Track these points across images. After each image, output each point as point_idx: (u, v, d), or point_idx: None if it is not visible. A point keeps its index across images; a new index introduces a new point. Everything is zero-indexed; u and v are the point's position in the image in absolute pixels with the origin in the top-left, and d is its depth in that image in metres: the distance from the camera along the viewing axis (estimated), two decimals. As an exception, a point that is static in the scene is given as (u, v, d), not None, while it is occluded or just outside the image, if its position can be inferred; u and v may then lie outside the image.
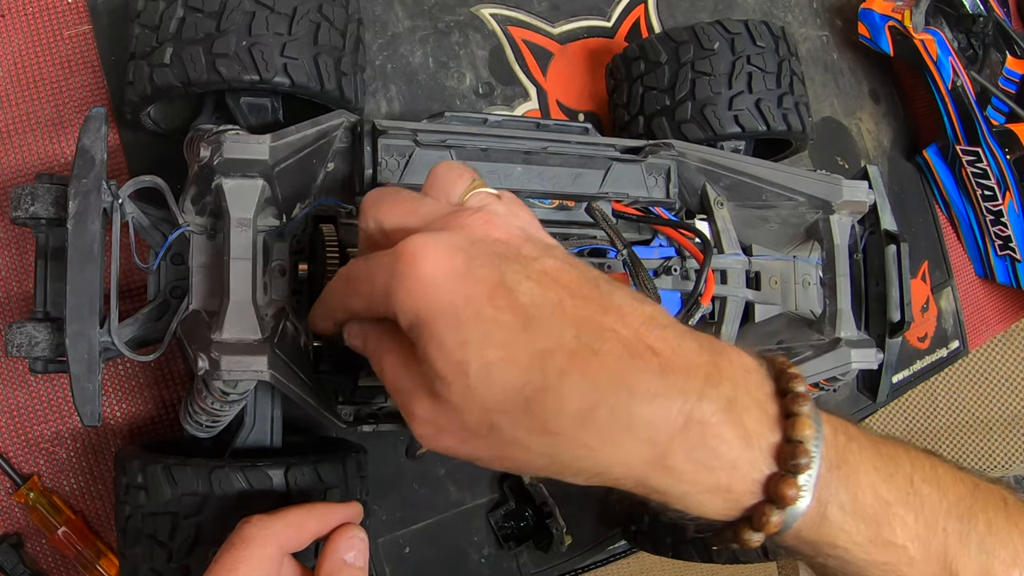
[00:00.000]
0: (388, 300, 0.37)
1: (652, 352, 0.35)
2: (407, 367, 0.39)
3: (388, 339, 0.40)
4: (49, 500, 0.63)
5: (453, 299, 0.35)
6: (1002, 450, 1.13)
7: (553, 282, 0.36)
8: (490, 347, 0.35)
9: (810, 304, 0.65)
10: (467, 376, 0.35)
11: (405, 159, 0.53)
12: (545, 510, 0.74)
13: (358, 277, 0.40)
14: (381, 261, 0.38)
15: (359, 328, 0.43)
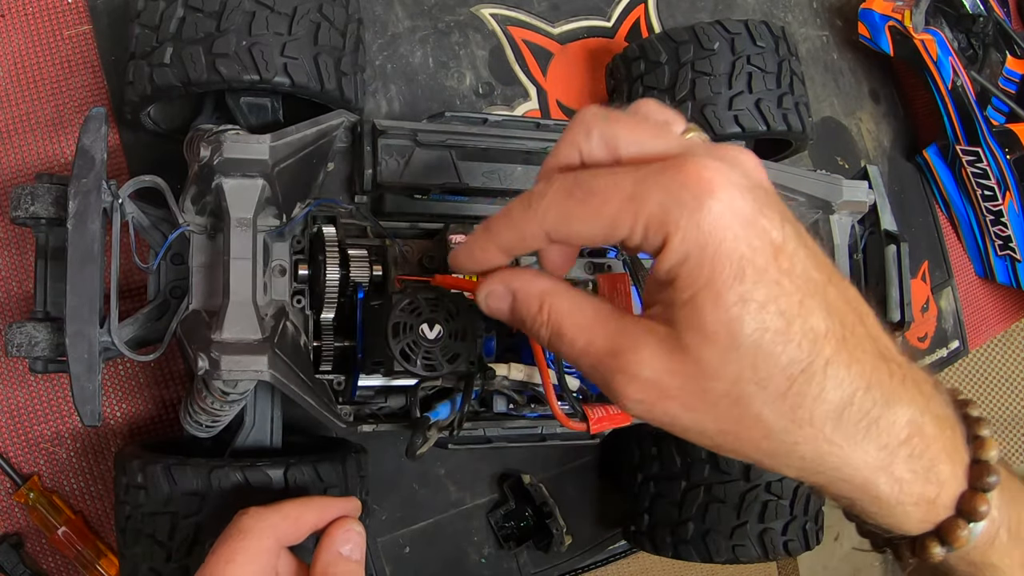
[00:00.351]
0: (657, 224, 0.32)
1: (893, 359, 0.35)
2: (619, 317, 0.35)
3: (565, 287, 0.37)
4: (49, 500, 0.63)
5: (740, 246, 0.31)
6: (1002, 450, 1.13)
7: (817, 258, 0.34)
8: (771, 313, 0.32)
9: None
10: (737, 337, 0.32)
11: (405, 159, 0.53)
12: (545, 510, 0.74)
13: (601, 192, 0.33)
14: (652, 177, 0.32)
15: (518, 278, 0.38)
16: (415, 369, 0.49)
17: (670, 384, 0.33)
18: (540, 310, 0.37)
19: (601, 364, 0.35)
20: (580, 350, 0.36)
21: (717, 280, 0.32)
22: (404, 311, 0.49)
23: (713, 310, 0.32)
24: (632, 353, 0.34)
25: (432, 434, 0.52)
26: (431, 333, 0.49)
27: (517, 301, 0.38)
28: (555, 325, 0.37)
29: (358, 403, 0.57)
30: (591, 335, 0.36)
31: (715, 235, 0.31)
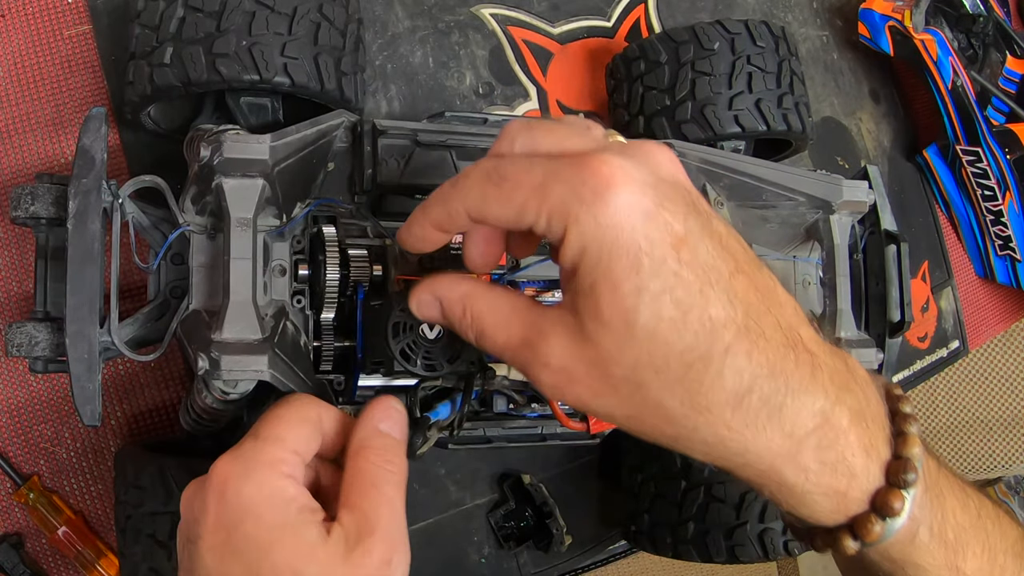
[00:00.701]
0: (558, 215, 0.34)
1: (805, 348, 0.36)
2: (531, 309, 0.37)
3: (484, 288, 0.39)
4: (49, 500, 0.63)
5: (638, 239, 0.33)
6: (1002, 450, 1.13)
7: (724, 248, 0.35)
8: (666, 302, 0.33)
9: (810, 304, 0.65)
10: (633, 326, 0.33)
11: (405, 159, 0.53)
12: (545, 510, 0.74)
13: (513, 179, 0.35)
14: (558, 170, 0.34)
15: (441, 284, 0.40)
16: (415, 369, 0.49)
17: (576, 370, 0.35)
18: (464, 313, 0.39)
19: (519, 355, 0.37)
20: (502, 345, 0.38)
21: (614, 271, 0.33)
22: (404, 311, 0.49)
23: (610, 300, 0.33)
24: (543, 342, 0.36)
25: (432, 434, 0.52)
26: (431, 333, 0.49)
27: (444, 307, 0.40)
28: (477, 326, 0.39)
29: (358, 403, 0.57)
30: (508, 330, 0.38)
31: (612, 229, 0.33)
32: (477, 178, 0.36)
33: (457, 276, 0.41)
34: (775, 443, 0.35)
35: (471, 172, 0.37)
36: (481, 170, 0.36)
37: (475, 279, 0.41)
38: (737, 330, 0.34)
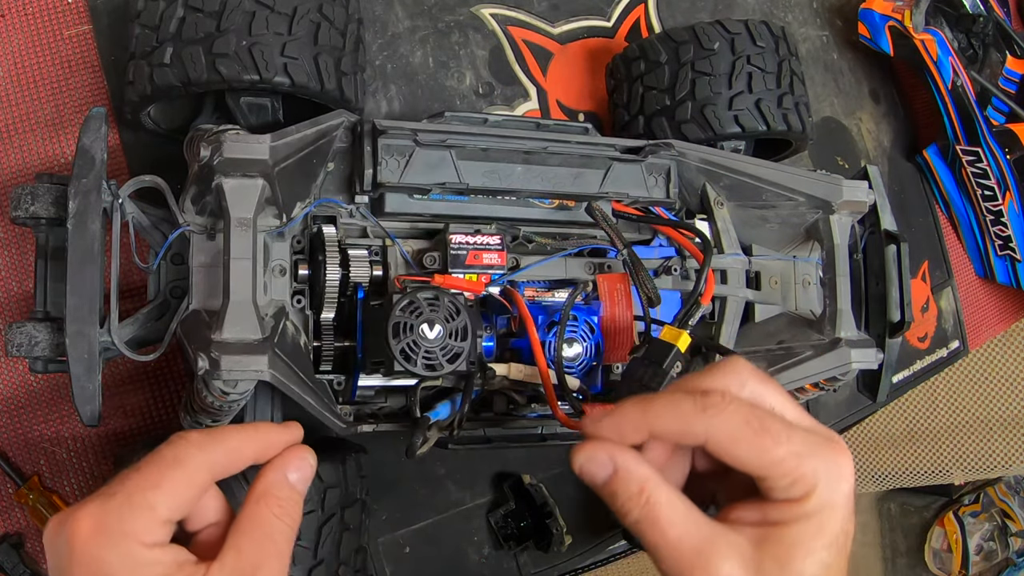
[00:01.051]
0: (806, 482, 0.40)
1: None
2: (709, 523, 0.42)
3: (665, 481, 0.42)
4: (49, 500, 0.63)
5: (839, 525, 0.41)
6: (1002, 450, 1.13)
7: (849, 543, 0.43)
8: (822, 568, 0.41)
9: (810, 304, 0.65)
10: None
11: (405, 159, 0.53)
12: (545, 510, 0.74)
13: (775, 435, 0.41)
14: (819, 446, 0.41)
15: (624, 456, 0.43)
16: (415, 369, 0.49)
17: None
18: (640, 493, 0.42)
19: (684, 559, 0.41)
20: (672, 541, 0.42)
21: (817, 541, 0.41)
22: (404, 311, 0.49)
23: (803, 561, 0.40)
24: (716, 558, 0.41)
25: (432, 434, 0.52)
26: (431, 333, 0.49)
27: (617, 477, 0.43)
28: (652, 513, 0.42)
29: (358, 403, 0.57)
30: (683, 531, 0.41)
31: (832, 511, 0.41)
32: (734, 417, 0.41)
33: (638, 455, 0.43)
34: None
35: (725, 407, 0.41)
36: (740, 411, 0.41)
37: (654, 468, 0.44)
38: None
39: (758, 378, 0.43)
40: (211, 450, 0.42)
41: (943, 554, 1.75)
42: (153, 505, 0.39)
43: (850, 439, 1.12)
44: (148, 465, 0.41)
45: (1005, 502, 1.73)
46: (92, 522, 0.39)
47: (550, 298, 0.58)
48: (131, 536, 0.38)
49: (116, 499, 0.39)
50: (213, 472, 0.42)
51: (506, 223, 0.57)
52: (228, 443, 0.42)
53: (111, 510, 0.39)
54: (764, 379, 0.43)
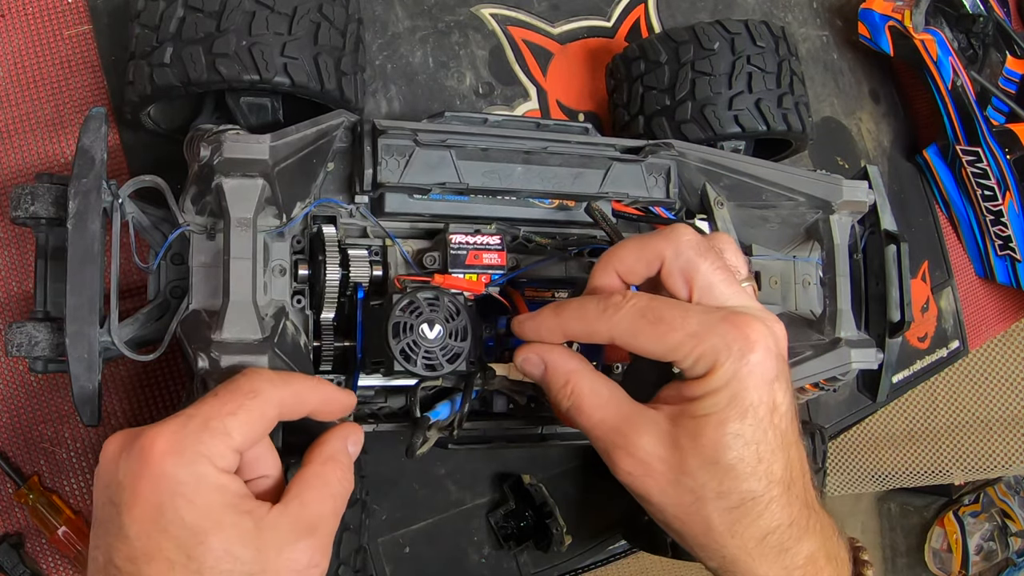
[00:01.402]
0: (706, 360, 0.42)
1: (813, 507, 0.46)
2: (629, 403, 0.45)
3: (589, 370, 0.46)
4: (49, 500, 0.63)
5: (754, 395, 0.42)
6: (1002, 450, 1.13)
7: (793, 421, 0.45)
8: (751, 451, 0.43)
9: (810, 304, 0.65)
10: (719, 457, 0.42)
11: (405, 159, 0.53)
12: (545, 510, 0.74)
13: (669, 322, 0.43)
14: (712, 324, 0.42)
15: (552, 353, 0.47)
16: (415, 369, 0.49)
17: (655, 467, 0.44)
18: (565, 385, 0.46)
19: (606, 437, 0.45)
20: (595, 422, 0.45)
21: (727, 413, 0.42)
22: (404, 311, 0.49)
23: (713, 432, 0.42)
24: (633, 433, 0.44)
25: (432, 434, 0.52)
26: (431, 333, 0.49)
27: (547, 372, 0.47)
28: (576, 400, 0.46)
29: (358, 403, 0.57)
30: (604, 412, 0.45)
31: (743, 382, 0.42)
32: (631, 312, 0.44)
33: (567, 351, 0.47)
34: (774, 572, 0.44)
35: (622, 305, 0.44)
36: (636, 307, 0.44)
37: (583, 359, 0.47)
38: (783, 488, 0.44)
39: (696, 248, 0.45)
40: (282, 387, 0.43)
41: (943, 554, 1.76)
42: (229, 431, 0.40)
43: (850, 439, 1.12)
44: (226, 392, 0.42)
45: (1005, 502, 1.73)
46: (169, 440, 0.39)
47: (550, 298, 0.58)
48: (206, 458, 0.39)
49: (194, 421, 0.40)
50: (281, 410, 0.43)
51: (506, 223, 0.57)
52: (296, 386, 0.44)
53: (189, 431, 0.40)
54: (702, 251, 0.45)
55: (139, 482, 0.38)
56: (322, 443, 0.45)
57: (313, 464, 0.44)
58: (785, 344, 0.45)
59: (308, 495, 0.43)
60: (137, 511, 0.38)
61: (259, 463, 0.44)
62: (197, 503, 0.38)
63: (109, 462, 0.40)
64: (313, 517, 0.42)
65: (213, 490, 0.39)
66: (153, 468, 0.38)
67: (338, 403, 0.47)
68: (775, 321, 0.45)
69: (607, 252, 0.47)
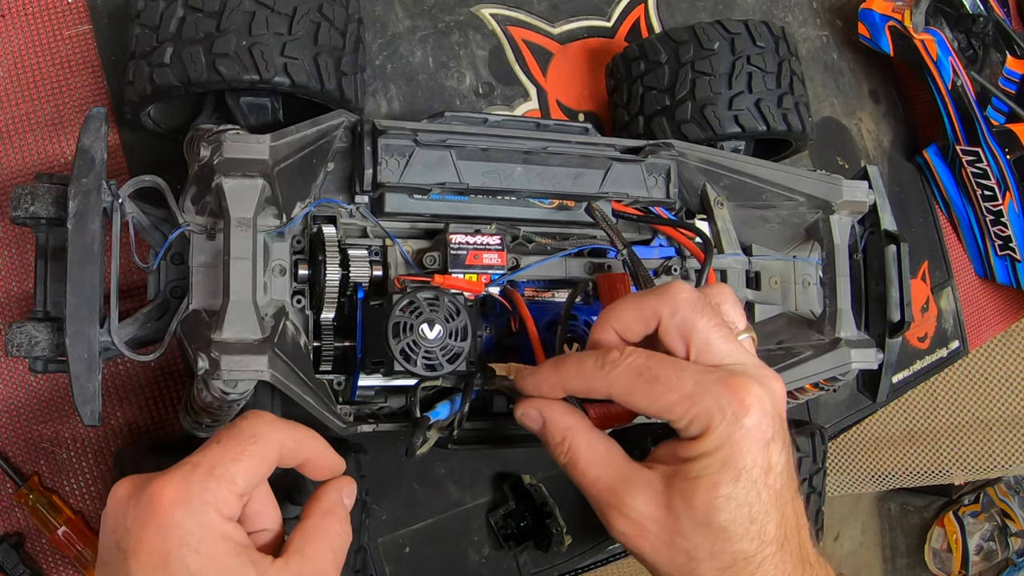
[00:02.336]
0: (700, 422, 0.42)
1: (809, 562, 0.46)
2: (625, 463, 0.45)
3: (586, 427, 0.46)
4: (49, 500, 0.63)
5: (748, 459, 0.42)
6: (1002, 450, 1.13)
7: (790, 478, 0.45)
8: (743, 512, 0.42)
9: (810, 304, 0.65)
10: (711, 519, 0.42)
11: (405, 159, 0.53)
12: (545, 510, 0.74)
13: (665, 382, 0.43)
14: (707, 386, 0.43)
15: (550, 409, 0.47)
16: (415, 369, 0.49)
17: (648, 528, 0.44)
18: (562, 441, 0.47)
19: (600, 496, 0.45)
20: (589, 481, 0.46)
21: (720, 476, 0.42)
22: (404, 311, 0.49)
23: (705, 494, 0.42)
24: (627, 494, 0.44)
25: (432, 434, 0.52)
26: (431, 333, 0.49)
27: (546, 427, 0.47)
28: (572, 457, 0.46)
29: (358, 403, 0.57)
30: (598, 472, 0.45)
31: (736, 445, 0.42)
32: (628, 371, 0.44)
33: (566, 407, 0.48)
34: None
35: (619, 362, 0.44)
36: (633, 366, 0.44)
37: (582, 416, 0.47)
38: (776, 547, 0.43)
39: (692, 306, 0.45)
40: (283, 431, 0.44)
41: (943, 554, 1.76)
42: (233, 477, 0.41)
43: (850, 439, 1.13)
44: (228, 438, 0.42)
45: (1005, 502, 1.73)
46: (176, 489, 0.40)
47: (550, 298, 0.58)
48: (212, 506, 0.40)
49: (200, 470, 0.41)
50: (281, 453, 0.44)
51: (506, 223, 0.57)
52: (296, 431, 0.45)
53: (195, 480, 0.40)
54: (698, 308, 0.45)
55: (146, 529, 0.39)
56: (319, 496, 0.46)
57: (312, 518, 0.45)
58: (783, 402, 0.45)
59: (309, 548, 0.43)
60: (144, 558, 0.39)
61: (260, 516, 0.44)
62: (203, 552, 0.39)
63: (118, 507, 0.41)
64: (315, 570, 0.43)
65: (218, 539, 0.40)
66: (161, 517, 0.39)
67: (329, 459, 0.47)
68: (774, 379, 0.45)
69: (605, 310, 0.47)
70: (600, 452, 0.46)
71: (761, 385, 0.43)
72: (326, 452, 0.47)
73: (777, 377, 0.45)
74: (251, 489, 0.42)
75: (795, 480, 0.45)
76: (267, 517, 0.45)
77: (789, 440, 0.45)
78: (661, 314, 0.45)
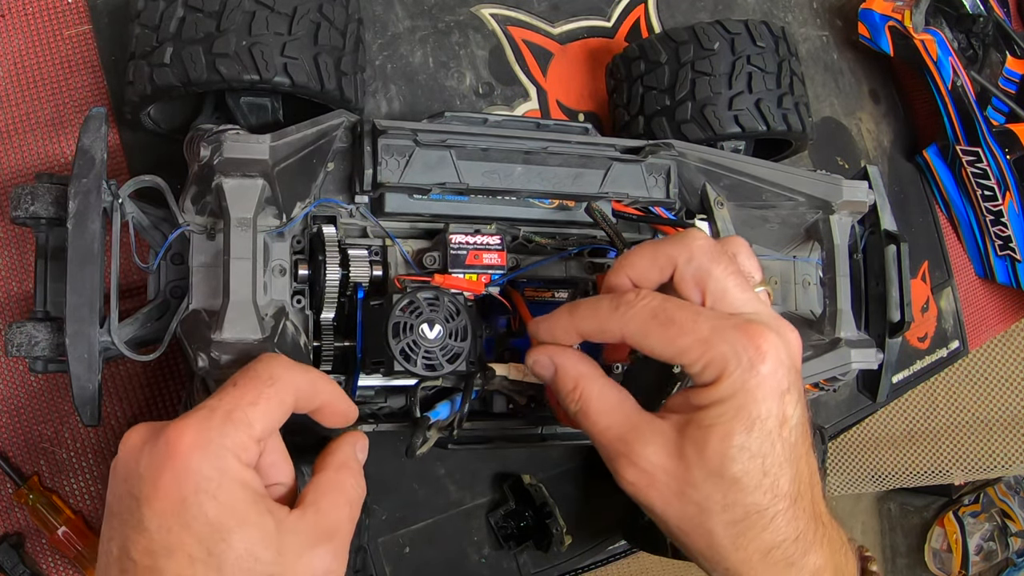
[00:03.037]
0: (715, 367, 0.42)
1: (821, 521, 0.45)
2: (636, 411, 0.45)
3: (599, 375, 0.46)
4: (49, 500, 0.63)
5: (763, 408, 0.42)
6: (1002, 450, 1.13)
7: (804, 434, 0.44)
8: (757, 464, 0.42)
9: (810, 304, 0.65)
10: (724, 470, 0.42)
11: (405, 159, 0.53)
12: (545, 510, 0.74)
13: (679, 324, 0.42)
14: (723, 331, 0.42)
15: (562, 356, 0.47)
16: (415, 369, 0.49)
17: (659, 478, 0.43)
18: (574, 389, 0.46)
19: (611, 445, 0.44)
20: (600, 429, 0.45)
21: (733, 425, 0.41)
22: (404, 311, 0.49)
23: (719, 443, 0.41)
24: (638, 443, 0.43)
25: (432, 434, 0.52)
26: (431, 333, 0.49)
27: (558, 374, 0.47)
28: (584, 405, 0.46)
29: (358, 403, 0.57)
30: (610, 419, 0.45)
31: (751, 393, 0.41)
32: (642, 313, 0.43)
33: (580, 354, 0.47)
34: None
35: (635, 303, 0.43)
36: (648, 307, 0.43)
37: (595, 364, 0.47)
38: (789, 502, 0.43)
39: (709, 253, 0.44)
40: (299, 374, 0.43)
41: (943, 554, 1.76)
42: (251, 421, 0.40)
43: (850, 439, 1.12)
44: (245, 380, 0.41)
45: (1005, 502, 1.73)
46: (193, 434, 0.39)
47: (550, 298, 0.58)
48: (230, 451, 0.39)
49: (217, 414, 0.40)
50: (297, 396, 0.43)
51: (506, 223, 0.57)
52: (310, 374, 0.44)
53: (213, 425, 0.39)
54: (715, 256, 0.44)
55: (162, 475, 0.38)
56: (333, 451, 0.46)
57: (327, 471, 0.44)
58: (799, 355, 0.45)
59: (324, 502, 0.43)
60: (158, 504, 0.38)
61: (274, 470, 0.44)
62: (221, 499, 0.38)
63: (130, 454, 0.40)
64: (331, 523, 0.42)
65: (237, 485, 0.39)
66: (177, 462, 0.38)
67: (344, 405, 0.47)
68: (790, 330, 0.44)
69: (620, 257, 0.47)
70: (612, 400, 0.45)
71: (778, 334, 0.42)
72: (341, 397, 0.46)
73: (793, 329, 0.44)
74: (268, 434, 0.41)
75: (809, 436, 0.44)
76: (280, 471, 0.44)
77: (804, 394, 0.44)
78: (677, 261, 0.44)
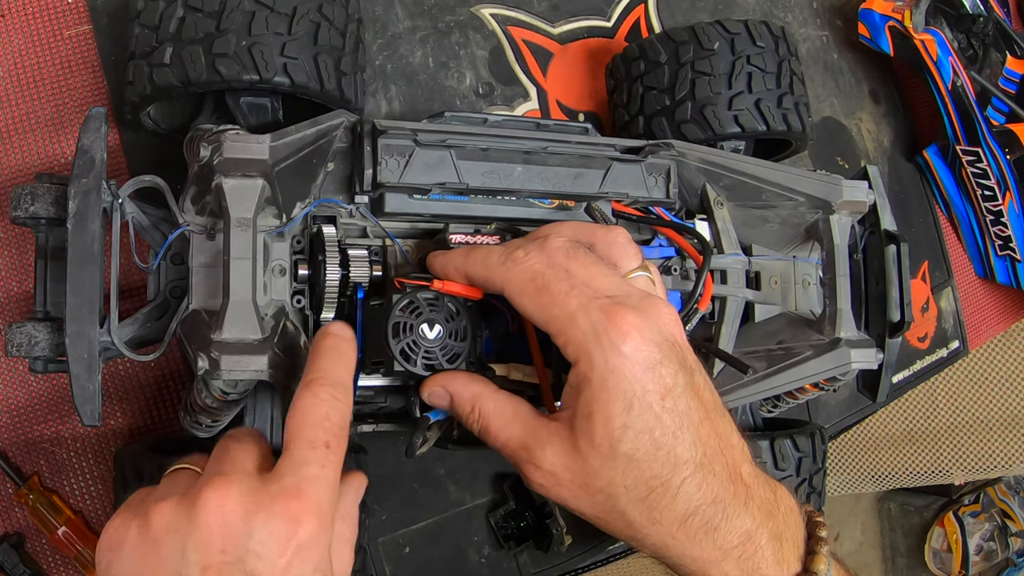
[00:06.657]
0: (577, 345, 0.42)
1: (743, 482, 0.45)
2: (532, 418, 0.46)
3: (492, 391, 0.47)
4: (49, 500, 0.63)
5: (636, 385, 0.42)
6: (1002, 450, 1.13)
7: (699, 400, 0.44)
8: (645, 439, 0.42)
9: (810, 304, 0.65)
10: (615, 452, 0.42)
11: (405, 159, 0.53)
12: (545, 510, 0.74)
13: (550, 294, 0.43)
14: (589, 309, 0.42)
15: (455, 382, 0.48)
16: (415, 369, 0.49)
17: (563, 476, 0.44)
18: (472, 411, 0.47)
19: (515, 455, 0.46)
20: (502, 443, 0.46)
21: (610, 407, 0.42)
22: (404, 311, 0.49)
23: (602, 429, 0.42)
24: (538, 448, 0.45)
25: (432, 434, 0.52)
26: (431, 333, 0.49)
27: (454, 401, 0.48)
28: (483, 423, 0.47)
29: (358, 403, 0.57)
30: (509, 432, 0.46)
31: (616, 372, 0.42)
32: (522, 274, 0.45)
33: (469, 376, 0.48)
34: (707, 553, 0.44)
35: (521, 261, 0.45)
36: (529, 269, 0.44)
37: (487, 382, 0.48)
38: (695, 467, 0.43)
39: (564, 253, 0.45)
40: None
41: (943, 554, 1.76)
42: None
43: (850, 439, 1.13)
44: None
45: (1005, 502, 1.73)
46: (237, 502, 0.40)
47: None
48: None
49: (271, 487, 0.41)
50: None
51: (506, 223, 0.57)
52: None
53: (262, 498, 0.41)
54: (570, 253, 0.45)
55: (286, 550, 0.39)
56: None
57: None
58: (674, 327, 0.45)
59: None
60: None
61: None
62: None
63: (232, 524, 0.39)
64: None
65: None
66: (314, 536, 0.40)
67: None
68: (663, 306, 0.45)
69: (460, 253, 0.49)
70: (508, 413, 0.46)
71: (640, 312, 0.43)
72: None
73: (667, 303, 0.45)
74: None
75: (708, 401, 0.44)
76: None
77: (692, 362, 0.45)
78: (541, 268, 0.45)
